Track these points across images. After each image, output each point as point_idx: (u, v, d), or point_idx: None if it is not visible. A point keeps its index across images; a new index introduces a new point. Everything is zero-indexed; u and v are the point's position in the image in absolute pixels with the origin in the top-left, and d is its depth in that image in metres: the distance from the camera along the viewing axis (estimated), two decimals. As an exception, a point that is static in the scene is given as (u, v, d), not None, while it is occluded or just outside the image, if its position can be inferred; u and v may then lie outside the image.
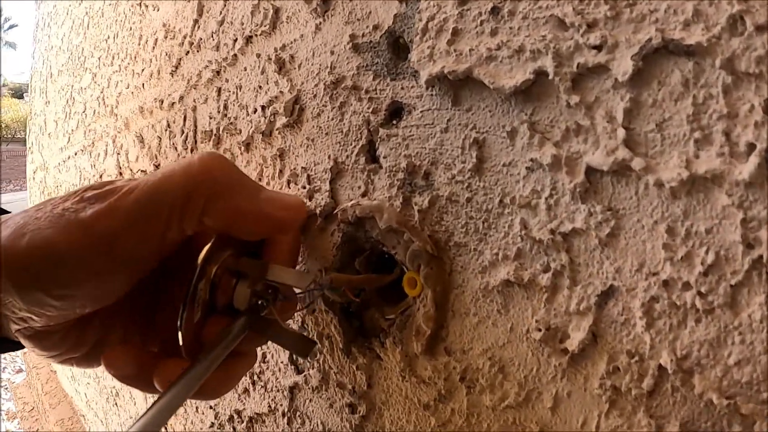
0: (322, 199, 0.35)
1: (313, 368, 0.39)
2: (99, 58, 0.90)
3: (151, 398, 0.73)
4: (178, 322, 0.29)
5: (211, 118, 0.49)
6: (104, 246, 0.28)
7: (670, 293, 0.20)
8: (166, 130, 0.60)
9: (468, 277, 0.28)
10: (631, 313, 0.22)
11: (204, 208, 0.29)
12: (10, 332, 0.31)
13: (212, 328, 0.31)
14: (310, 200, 0.36)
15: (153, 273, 0.33)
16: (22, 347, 0.33)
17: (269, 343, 0.44)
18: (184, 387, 0.27)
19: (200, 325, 0.31)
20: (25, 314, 0.29)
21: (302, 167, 0.37)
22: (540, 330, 0.25)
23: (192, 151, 0.54)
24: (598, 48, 0.22)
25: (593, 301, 0.23)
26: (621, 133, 0.21)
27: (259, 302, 0.31)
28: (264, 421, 0.47)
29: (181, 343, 0.29)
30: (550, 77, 0.23)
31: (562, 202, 0.24)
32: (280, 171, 0.39)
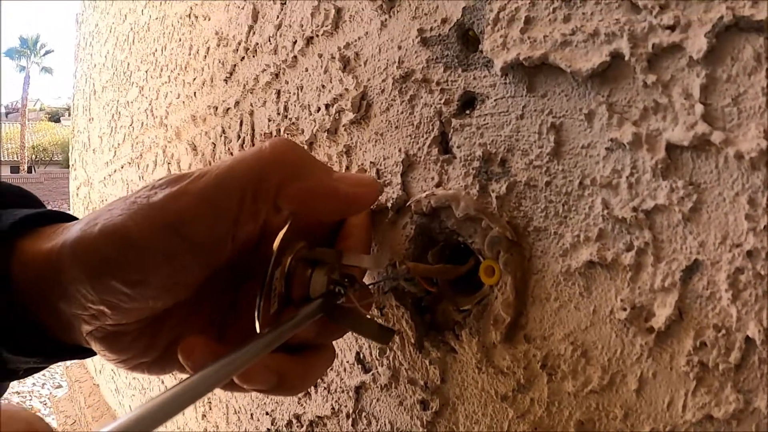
0: (394, 192, 0.38)
1: (382, 365, 0.41)
2: (146, 72, 0.96)
3: (201, 407, 0.77)
4: (256, 312, 0.31)
5: (270, 120, 0.53)
6: (175, 228, 0.29)
7: (754, 263, 0.22)
8: (221, 136, 0.64)
9: (548, 262, 0.30)
10: (716, 286, 0.23)
11: (278, 189, 0.31)
12: (82, 337, 0.32)
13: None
14: (380, 195, 0.39)
15: (232, 274, 0.35)
16: (93, 354, 0.35)
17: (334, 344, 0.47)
18: (232, 360, 0.27)
19: (276, 318, 0.33)
20: (98, 308, 0.30)
21: (371, 162, 0.40)
22: (625, 309, 0.26)
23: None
24: (672, 28, 0.24)
25: (678, 277, 0.24)
26: (699, 108, 0.23)
27: (336, 289, 0.33)
28: (326, 425, 0.48)
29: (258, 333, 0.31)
30: (626, 58, 0.25)
31: (644, 179, 0.25)
32: (347, 167, 0.42)
